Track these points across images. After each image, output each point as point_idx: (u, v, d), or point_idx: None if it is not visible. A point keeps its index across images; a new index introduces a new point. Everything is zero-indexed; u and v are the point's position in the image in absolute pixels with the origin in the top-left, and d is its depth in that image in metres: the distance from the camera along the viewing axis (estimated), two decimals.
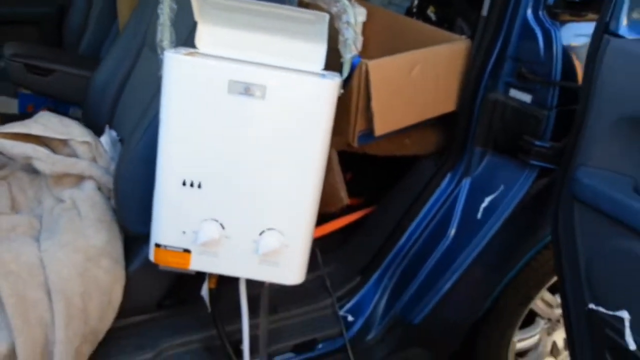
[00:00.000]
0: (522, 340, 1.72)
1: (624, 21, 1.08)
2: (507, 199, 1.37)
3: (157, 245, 1.11)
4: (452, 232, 1.44)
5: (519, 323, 1.62)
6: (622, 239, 1.06)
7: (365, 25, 1.53)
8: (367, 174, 1.79)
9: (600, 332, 1.13)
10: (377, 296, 1.50)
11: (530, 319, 1.74)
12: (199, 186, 1.06)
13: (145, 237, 1.16)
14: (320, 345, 1.43)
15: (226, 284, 1.34)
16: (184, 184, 1.06)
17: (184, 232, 1.09)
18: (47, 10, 2.31)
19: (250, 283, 1.27)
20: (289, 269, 1.11)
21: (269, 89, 0.99)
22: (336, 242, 1.61)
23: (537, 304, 1.66)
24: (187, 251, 1.11)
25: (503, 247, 1.43)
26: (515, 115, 1.32)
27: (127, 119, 1.45)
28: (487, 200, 1.40)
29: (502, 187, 1.38)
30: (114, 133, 1.44)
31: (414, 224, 1.47)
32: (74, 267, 1.15)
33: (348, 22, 1.05)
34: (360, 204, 1.72)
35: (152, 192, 1.11)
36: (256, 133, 1.03)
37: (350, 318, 1.49)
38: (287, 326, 1.43)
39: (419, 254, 1.47)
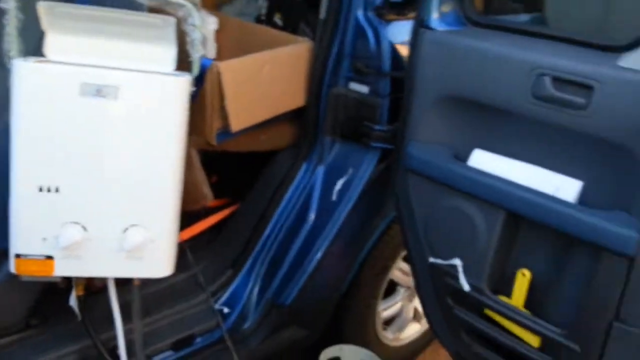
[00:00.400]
0: (386, 309, 1.90)
1: (434, 15, 1.27)
2: (356, 179, 1.53)
3: (18, 256, 1.10)
4: (312, 216, 1.57)
5: (381, 293, 1.80)
6: (448, 198, 1.25)
7: (217, 33, 1.61)
8: (232, 175, 1.87)
9: (441, 281, 1.31)
10: (249, 286, 1.58)
11: (392, 289, 1.93)
12: (57, 190, 1.07)
13: (5, 252, 1.14)
14: (198, 340, 1.48)
15: (95, 295, 1.35)
16: (40, 189, 1.06)
17: (44, 239, 1.09)
18: None
19: (121, 291, 1.29)
20: (156, 262, 1.16)
21: (121, 89, 1.04)
22: (206, 241, 1.67)
23: (395, 274, 1.84)
24: (49, 258, 1.11)
25: (357, 224, 1.59)
26: (356, 105, 1.49)
27: None
28: (340, 183, 1.54)
29: (351, 170, 1.53)
30: None
31: (277, 214, 1.57)
32: None
33: (194, 25, 1.13)
34: (227, 204, 1.80)
35: (7, 203, 1.09)
36: (111, 133, 1.07)
37: (226, 310, 1.55)
38: (164, 326, 1.45)
39: (284, 241, 1.58)
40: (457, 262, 1.27)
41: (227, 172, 1.78)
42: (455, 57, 1.22)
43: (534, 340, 1.20)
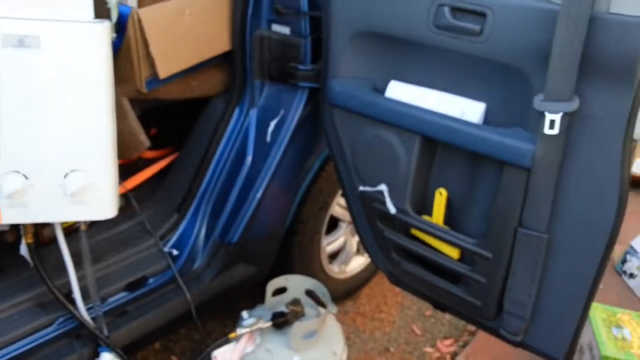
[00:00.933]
0: (330, 244, 2.02)
1: None
2: (287, 119, 1.61)
3: None
4: (249, 158, 1.65)
5: (323, 228, 1.91)
6: (370, 129, 1.34)
7: None
8: (171, 126, 1.92)
9: (371, 207, 1.42)
10: (196, 228, 1.66)
11: (335, 225, 2.05)
12: None
13: None
14: (150, 281, 1.56)
15: (46, 246, 1.41)
16: None
17: None
18: None
19: (70, 240, 1.35)
20: (100, 205, 1.22)
21: (42, 38, 1.07)
22: (150, 190, 1.73)
23: (336, 210, 1.95)
24: None
25: (293, 162, 1.67)
26: (280, 46, 1.54)
27: None
28: (272, 124, 1.62)
29: (282, 111, 1.61)
30: None
31: (215, 158, 1.64)
32: None
33: None
34: (167, 153, 1.86)
35: None
36: (40, 83, 1.11)
37: (175, 252, 1.64)
38: (116, 270, 1.53)
39: (225, 183, 1.66)
40: (383, 187, 1.38)
41: (166, 124, 1.82)
42: None
43: (453, 253, 1.33)
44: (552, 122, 1.04)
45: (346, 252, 2.10)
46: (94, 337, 1.38)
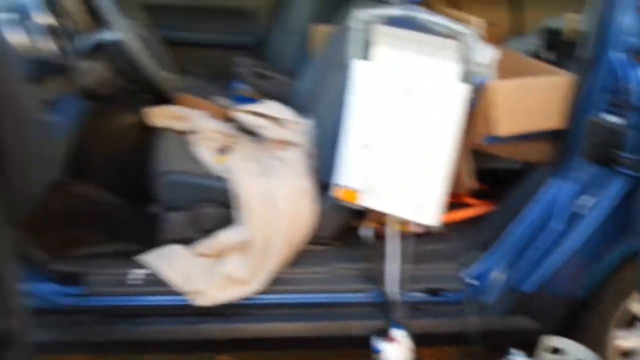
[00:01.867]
0: (621, 338, 1.97)
1: None
2: (605, 199, 1.77)
3: (339, 185, 1.76)
4: (558, 225, 1.85)
5: (616, 315, 1.92)
6: None
7: (499, 62, 2.05)
8: (498, 186, 2.26)
9: None
10: (495, 268, 1.93)
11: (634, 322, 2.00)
12: (371, 148, 1.70)
13: (326, 185, 1.82)
14: (446, 294, 1.91)
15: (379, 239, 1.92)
16: (360, 145, 1.71)
17: (357, 178, 1.72)
18: (249, 40, 3.16)
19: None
20: (428, 213, 1.68)
21: (419, 90, 1.62)
22: (466, 227, 2.11)
23: (636, 307, 1.92)
24: (357, 191, 1.74)
25: (601, 241, 1.81)
26: (608, 133, 1.74)
27: (320, 111, 2.12)
28: (590, 200, 1.80)
29: (598, 190, 1.78)
30: (312, 120, 2.13)
31: (527, 215, 1.90)
32: (288, 197, 1.83)
33: (474, 49, 1.64)
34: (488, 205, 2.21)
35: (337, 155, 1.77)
36: (410, 117, 1.65)
37: (471, 281, 1.95)
38: (423, 275, 1.91)
39: (531, 239, 1.88)
40: None
41: (494, 183, 2.20)
42: None
43: None
44: None
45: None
46: (390, 314, 1.80)
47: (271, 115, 2.11)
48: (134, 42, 1.67)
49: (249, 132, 2.21)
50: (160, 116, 2.15)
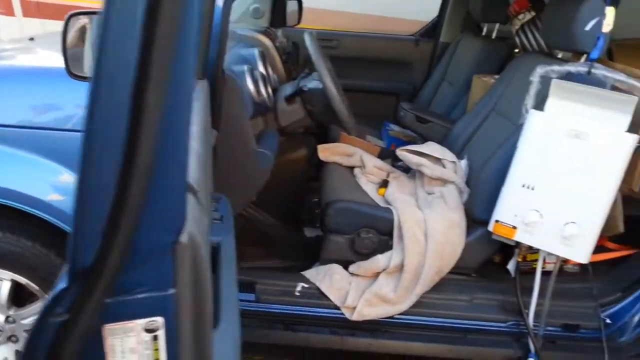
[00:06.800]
0: None
1: None
2: None
3: (497, 221, 1.86)
4: None
5: None
6: None
7: None
8: None
9: None
10: (633, 310, 1.99)
11: None
12: (532, 188, 1.79)
13: (482, 221, 1.93)
14: (582, 331, 1.98)
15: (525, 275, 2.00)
16: (523, 186, 1.80)
17: (515, 215, 1.82)
18: (406, 87, 3.48)
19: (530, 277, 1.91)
20: (579, 251, 1.75)
21: (590, 135, 1.69)
22: (603, 268, 2.16)
23: None
24: (514, 227, 1.83)
25: None
26: None
27: (476, 154, 2.26)
28: None
29: None
30: (466, 160, 2.27)
31: None
32: (441, 227, 1.95)
33: None
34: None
35: (494, 193, 1.88)
36: (575, 160, 1.72)
37: (608, 321, 2.00)
38: (562, 310, 2.00)
39: None
40: None
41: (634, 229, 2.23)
42: None
43: None
44: None
45: None
46: (528, 345, 1.90)
47: (431, 155, 2.26)
48: (333, 90, 1.88)
49: (405, 170, 2.40)
50: (327, 152, 2.40)
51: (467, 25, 3.33)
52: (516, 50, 2.81)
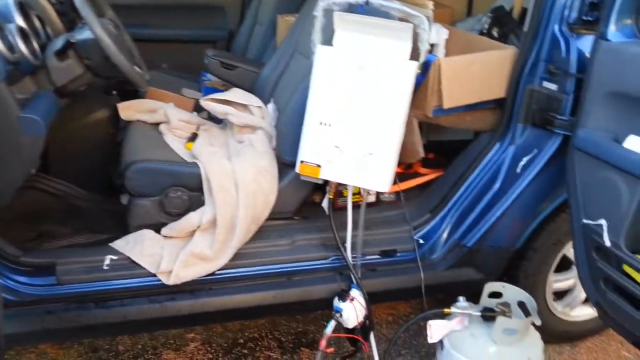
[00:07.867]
0: (557, 282, 2.22)
1: (612, 29, 1.64)
2: (538, 157, 1.94)
3: (302, 162, 1.83)
4: (498, 183, 2.02)
5: (554, 263, 2.14)
6: (603, 170, 1.60)
7: (447, 41, 2.18)
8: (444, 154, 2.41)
9: (590, 238, 1.66)
10: (441, 227, 2.10)
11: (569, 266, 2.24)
12: (329, 125, 1.77)
13: (292, 164, 1.90)
14: (398, 255, 2.06)
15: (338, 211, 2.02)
16: (320, 123, 1.78)
17: (317, 153, 1.80)
18: (221, 34, 3.33)
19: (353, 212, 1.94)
20: (378, 180, 1.78)
21: (372, 66, 1.69)
22: (415, 194, 2.25)
23: (571, 252, 2.15)
24: (318, 166, 1.82)
25: (536, 193, 1.99)
26: (546, 99, 1.90)
27: (282, 97, 2.21)
28: (525, 159, 1.97)
29: (535, 150, 1.95)
30: (273, 104, 2.21)
31: (471, 178, 2.07)
32: (250, 175, 1.89)
33: (424, 29, 1.72)
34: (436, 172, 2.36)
35: (298, 135, 1.84)
36: (363, 94, 1.73)
37: (421, 241, 2.10)
38: (377, 239, 2.07)
39: (473, 199, 2.06)
40: (602, 222, 1.61)
41: (441, 152, 2.34)
42: (624, 62, 1.57)
43: None
44: None
45: (574, 296, 2.26)
46: (350, 277, 1.93)
47: (237, 102, 2.15)
48: (105, 39, 1.67)
49: (218, 120, 2.27)
50: (130, 110, 2.19)
51: None
52: None
